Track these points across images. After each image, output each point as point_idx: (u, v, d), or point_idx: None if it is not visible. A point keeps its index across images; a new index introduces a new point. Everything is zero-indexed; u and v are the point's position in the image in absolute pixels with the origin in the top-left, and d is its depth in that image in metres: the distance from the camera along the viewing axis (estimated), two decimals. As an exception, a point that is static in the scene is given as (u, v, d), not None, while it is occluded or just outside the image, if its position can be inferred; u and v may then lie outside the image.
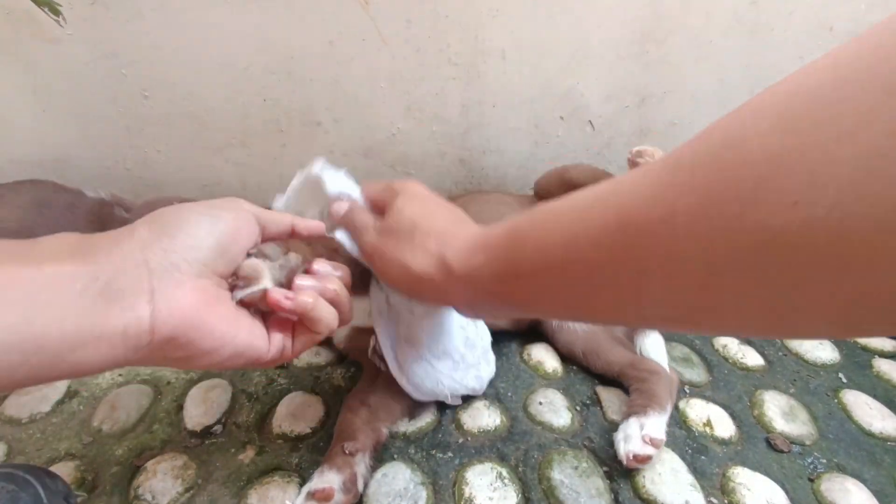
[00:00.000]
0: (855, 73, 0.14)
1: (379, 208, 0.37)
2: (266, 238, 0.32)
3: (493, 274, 0.28)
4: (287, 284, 0.31)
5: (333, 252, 0.40)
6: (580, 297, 0.25)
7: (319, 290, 0.31)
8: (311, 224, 0.35)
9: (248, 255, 0.30)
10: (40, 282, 0.22)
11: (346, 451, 0.40)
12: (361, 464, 0.40)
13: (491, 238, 0.29)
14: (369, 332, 0.50)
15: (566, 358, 0.55)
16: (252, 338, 0.29)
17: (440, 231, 0.32)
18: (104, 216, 0.61)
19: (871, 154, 0.13)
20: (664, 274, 0.20)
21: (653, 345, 0.53)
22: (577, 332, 0.55)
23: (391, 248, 0.33)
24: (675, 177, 0.19)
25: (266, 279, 0.29)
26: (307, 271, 0.32)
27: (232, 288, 0.29)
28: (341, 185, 0.39)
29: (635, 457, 0.41)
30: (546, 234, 0.25)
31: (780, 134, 0.15)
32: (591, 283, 0.23)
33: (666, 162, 0.20)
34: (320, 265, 0.33)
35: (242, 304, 0.29)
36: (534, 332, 0.58)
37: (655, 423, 0.43)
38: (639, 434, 0.42)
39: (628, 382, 0.49)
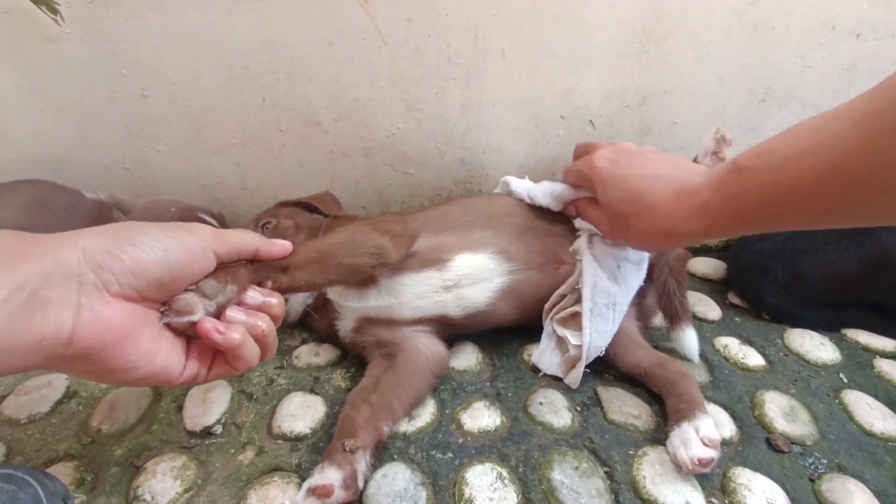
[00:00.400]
0: None
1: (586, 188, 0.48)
2: (223, 262, 0.32)
3: (721, 226, 0.36)
4: (219, 312, 0.31)
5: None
6: (808, 221, 0.31)
7: (248, 327, 0.31)
8: (276, 250, 0.35)
9: (187, 289, 0.30)
10: None
11: (347, 449, 0.40)
12: (362, 461, 0.40)
13: (706, 203, 0.36)
14: (376, 323, 0.52)
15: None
16: (167, 363, 0.29)
17: (648, 209, 0.40)
18: (102, 218, 0.61)
19: None
20: (874, 195, 0.26)
21: (689, 338, 0.55)
22: None
23: (624, 238, 0.45)
24: (880, 125, 0.24)
25: (199, 314, 0.29)
26: (240, 302, 0.32)
27: (162, 312, 0.29)
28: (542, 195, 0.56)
29: (699, 461, 0.40)
30: (764, 191, 0.31)
31: None
32: (815, 213, 0.30)
33: (865, 112, 0.26)
34: (253, 295, 0.33)
35: (168, 326, 0.29)
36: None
37: (708, 425, 0.43)
38: (697, 438, 0.42)
39: (657, 383, 0.49)
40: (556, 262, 0.55)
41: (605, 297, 0.50)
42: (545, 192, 0.55)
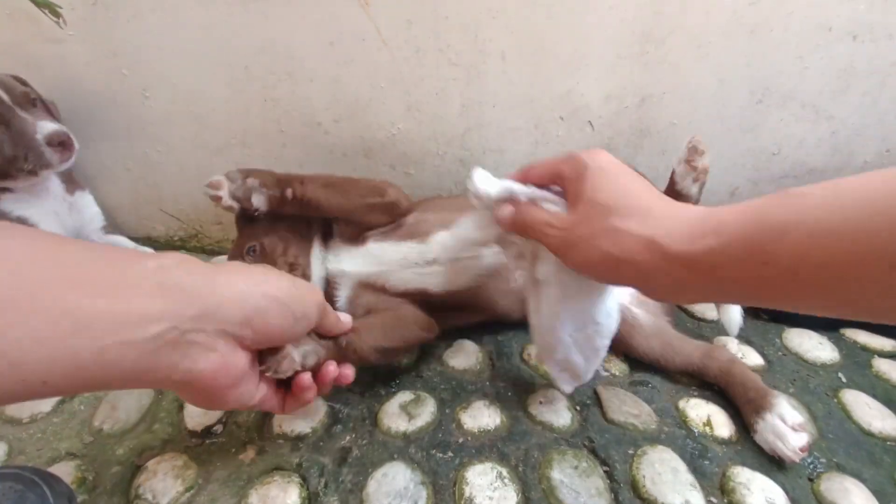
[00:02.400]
0: None
1: (559, 183, 0.35)
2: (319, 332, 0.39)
3: (728, 259, 0.26)
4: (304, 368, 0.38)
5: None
6: (862, 296, 0.22)
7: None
8: (340, 327, 0.41)
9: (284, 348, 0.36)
10: (121, 318, 0.23)
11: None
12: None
13: (726, 222, 0.26)
14: (369, 290, 0.55)
15: (639, 362, 0.55)
16: (248, 398, 0.34)
17: (645, 210, 0.30)
18: None
19: None
20: None
21: (734, 311, 0.55)
22: (647, 329, 0.54)
23: (586, 238, 0.31)
24: None
25: (290, 372, 0.36)
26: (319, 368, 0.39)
27: (262, 361, 0.34)
28: (495, 185, 0.38)
29: (801, 449, 0.42)
30: (820, 227, 0.22)
31: None
32: (870, 293, 0.21)
33: None
34: (330, 369, 0.39)
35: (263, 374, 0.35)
36: None
37: (789, 410, 0.45)
38: (787, 428, 0.43)
39: (712, 374, 0.51)
40: None
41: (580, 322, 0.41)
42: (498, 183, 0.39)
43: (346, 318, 0.42)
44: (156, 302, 0.24)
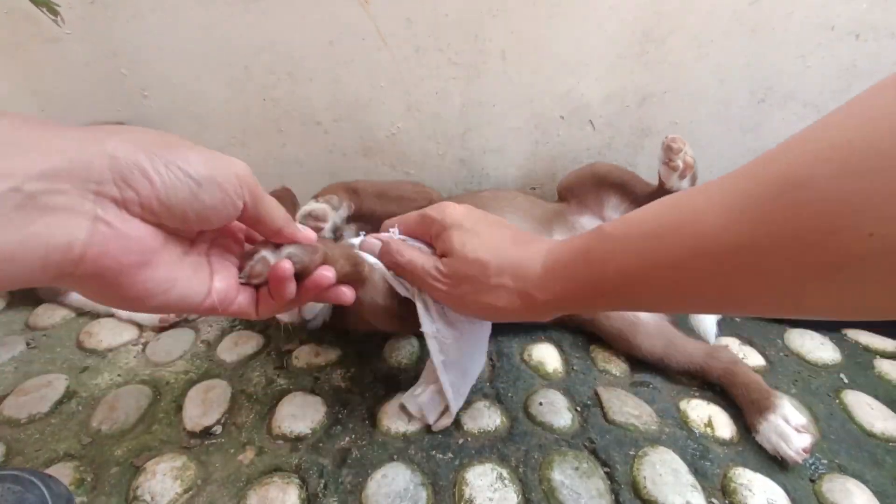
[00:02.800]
0: None
1: (423, 237, 0.40)
2: (243, 217, 0.29)
3: (575, 297, 0.32)
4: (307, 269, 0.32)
5: None
6: (665, 302, 0.30)
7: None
8: (301, 234, 0.32)
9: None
10: None
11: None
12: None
13: (565, 267, 0.33)
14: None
15: (640, 362, 0.55)
16: (187, 292, 0.27)
17: (512, 265, 0.35)
18: None
19: None
20: (748, 284, 0.24)
21: (709, 321, 0.57)
22: (650, 328, 0.54)
23: (469, 293, 0.36)
24: (746, 211, 0.22)
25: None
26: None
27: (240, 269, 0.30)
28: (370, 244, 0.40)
29: (804, 450, 0.43)
30: (625, 259, 0.29)
31: (848, 178, 0.19)
32: (672, 294, 0.28)
33: (730, 194, 0.24)
34: (326, 274, 0.34)
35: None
36: (597, 338, 0.58)
37: (792, 411, 0.45)
38: (791, 429, 0.44)
39: (715, 374, 0.51)
40: None
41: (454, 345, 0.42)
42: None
43: (306, 232, 0.33)
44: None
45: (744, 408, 0.48)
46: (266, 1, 0.63)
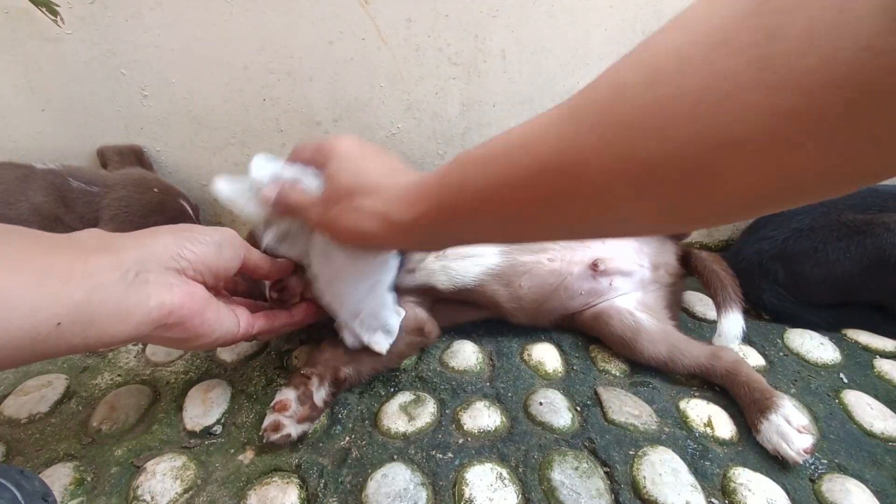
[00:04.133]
0: (703, 40, 0.19)
1: (316, 165, 0.41)
2: (244, 268, 0.42)
3: (434, 219, 0.32)
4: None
5: None
6: (516, 225, 0.30)
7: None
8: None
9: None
10: (90, 270, 0.29)
11: (302, 373, 0.47)
12: (317, 386, 0.46)
13: (427, 188, 0.33)
14: None
15: (643, 365, 0.54)
16: (230, 327, 0.39)
17: (375, 188, 0.36)
18: (59, 186, 0.64)
19: (704, 100, 0.18)
20: (582, 198, 0.25)
21: (731, 323, 0.55)
22: (653, 334, 0.54)
23: (337, 216, 0.37)
24: (576, 126, 0.24)
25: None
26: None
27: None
28: (267, 168, 0.42)
29: (805, 451, 0.42)
30: (479, 180, 0.29)
31: (653, 86, 0.20)
32: (524, 214, 0.28)
33: (565, 114, 0.25)
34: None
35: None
36: (598, 340, 0.58)
37: (793, 411, 0.45)
38: (792, 429, 0.43)
39: (717, 375, 0.51)
40: (550, 253, 0.56)
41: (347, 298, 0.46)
42: (270, 168, 0.42)
43: (280, 263, 0.45)
44: (104, 256, 0.30)
45: (745, 407, 0.48)
46: (266, 1, 0.63)
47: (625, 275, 0.58)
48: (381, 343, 0.49)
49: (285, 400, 0.44)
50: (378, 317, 0.48)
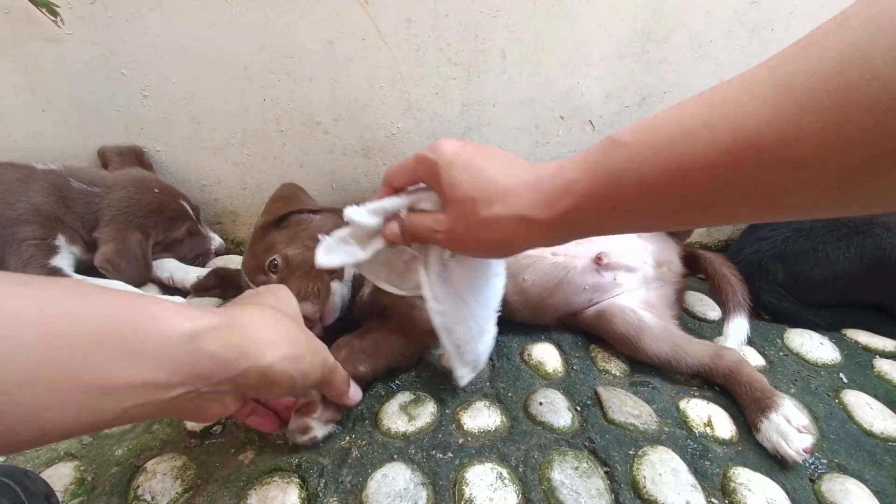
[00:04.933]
0: None
1: (424, 182, 0.38)
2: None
3: (587, 211, 0.30)
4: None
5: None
6: (689, 214, 0.27)
7: None
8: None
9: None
10: (149, 388, 0.26)
11: None
12: None
13: (572, 181, 0.30)
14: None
15: (646, 363, 0.54)
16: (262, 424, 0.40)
17: (504, 192, 0.33)
18: (59, 185, 0.65)
19: None
20: (794, 183, 0.22)
21: (737, 327, 0.55)
22: (656, 332, 0.54)
23: (469, 231, 0.34)
24: (793, 97, 0.20)
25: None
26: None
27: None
28: (370, 215, 0.39)
29: (805, 450, 0.43)
30: (645, 167, 0.26)
31: None
32: (707, 201, 0.25)
33: (773, 81, 0.21)
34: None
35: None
36: (597, 338, 0.58)
37: (794, 411, 0.45)
38: (792, 428, 0.44)
39: (719, 374, 0.51)
40: (566, 255, 0.56)
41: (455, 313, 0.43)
42: (373, 210, 0.40)
43: (355, 394, 0.43)
44: (182, 372, 0.26)
45: (745, 406, 0.48)
46: (266, 1, 0.63)
47: (629, 270, 0.58)
48: (465, 378, 0.46)
49: (311, 402, 0.43)
50: (474, 351, 0.45)
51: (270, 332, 0.32)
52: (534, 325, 0.60)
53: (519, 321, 0.59)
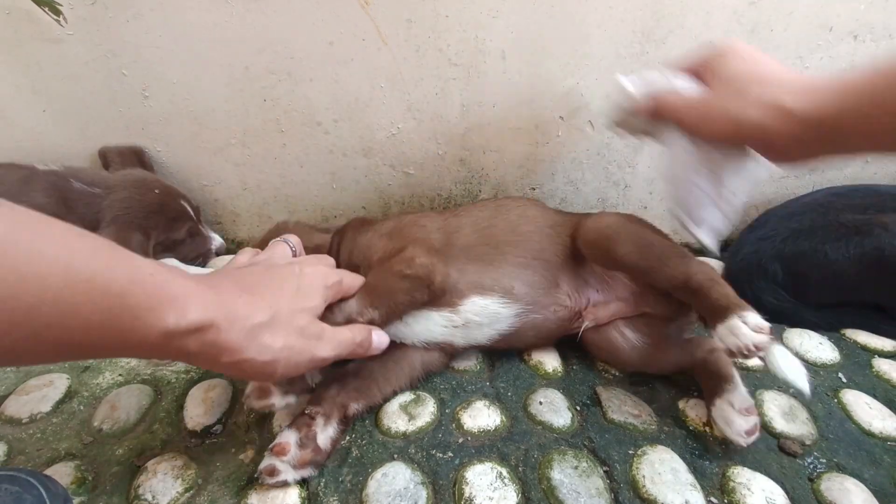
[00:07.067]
0: None
1: (700, 76, 0.38)
2: None
3: (851, 123, 0.28)
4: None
5: None
6: None
7: None
8: None
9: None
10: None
11: (306, 412, 0.43)
12: (322, 426, 0.43)
13: (850, 81, 0.29)
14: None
15: (644, 373, 0.54)
16: None
17: (777, 78, 0.32)
18: (61, 187, 0.65)
19: None
20: None
21: (783, 356, 0.44)
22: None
23: (717, 105, 0.34)
24: None
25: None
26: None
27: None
28: (641, 84, 0.42)
29: (746, 432, 0.43)
30: None
31: None
32: None
33: None
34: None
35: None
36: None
37: (741, 396, 0.45)
38: (734, 412, 0.44)
39: (697, 361, 0.51)
40: (557, 305, 0.53)
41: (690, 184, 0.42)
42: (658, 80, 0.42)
43: (379, 341, 0.44)
44: (158, 356, 0.30)
45: (705, 394, 0.49)
46: (266, 1, 0.63)
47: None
48: (707, 241, 0.43)
49: (284, 443, 0.40)
50: (702, 208, 0.42)
51: (266, 335, 0.33)
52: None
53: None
